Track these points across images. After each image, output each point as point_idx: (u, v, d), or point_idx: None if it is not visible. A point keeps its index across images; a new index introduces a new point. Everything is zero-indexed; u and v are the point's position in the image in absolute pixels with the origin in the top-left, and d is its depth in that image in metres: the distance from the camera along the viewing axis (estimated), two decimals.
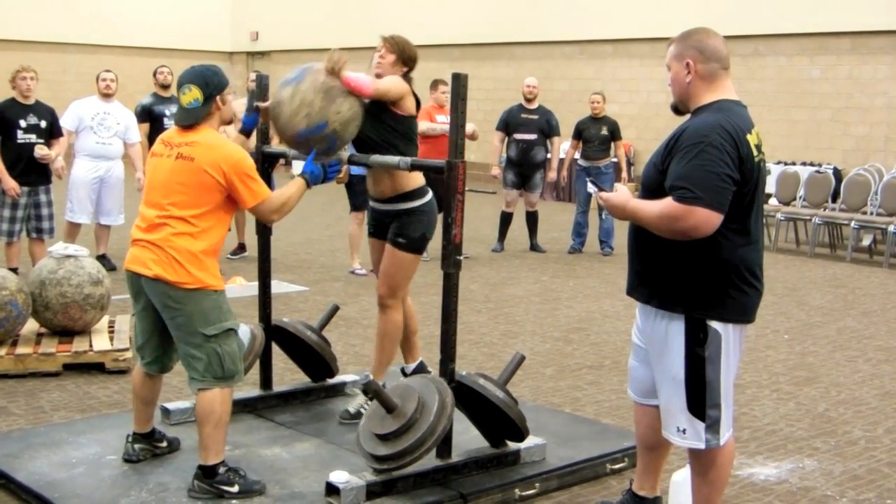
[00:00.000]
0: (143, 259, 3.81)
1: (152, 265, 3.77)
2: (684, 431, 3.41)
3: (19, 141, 7.83)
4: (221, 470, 3.81)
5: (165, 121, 9.12)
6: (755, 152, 3.29)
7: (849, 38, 14.29)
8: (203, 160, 3.75)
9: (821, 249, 11.84)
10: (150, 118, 9.11)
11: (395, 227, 4.70)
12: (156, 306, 3.87)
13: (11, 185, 7.76)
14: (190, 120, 3.85)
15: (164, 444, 4.25)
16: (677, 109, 3.48)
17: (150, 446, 4.20)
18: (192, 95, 3.83)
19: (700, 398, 3.36)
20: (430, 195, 4.76)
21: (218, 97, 3.88)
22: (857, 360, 6.67)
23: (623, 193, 3.45)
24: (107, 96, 8.85)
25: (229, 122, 4.09)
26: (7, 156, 7.82)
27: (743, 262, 3.32)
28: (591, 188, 4.50)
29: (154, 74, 9.43)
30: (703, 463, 3.47)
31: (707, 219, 3.18)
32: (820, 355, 6.75)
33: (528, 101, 10.80)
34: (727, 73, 3.41)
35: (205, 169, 3.74)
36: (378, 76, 4.64)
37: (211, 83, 3.86)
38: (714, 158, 3.18)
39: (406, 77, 4.70)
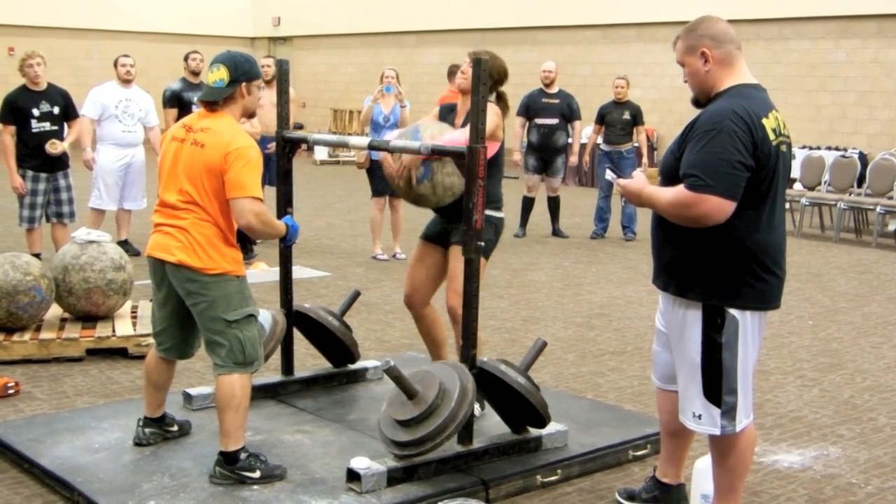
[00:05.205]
0: (166, 245, 3.82)
1: (176, 251, 3.79)
2: (700, 417, 3.39)
3: (34, 130, 7.84)
4: (243, 456, 3.82)
5: (195, 108, 9.10)
6: (772, 136, 3.23)
7: (874, 20, 14.14)
8: (211, 146, 3.74)
9: (846, 235, 11.73)
10: (180, 104, 9.08)
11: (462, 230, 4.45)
12: (179, 293, 3.88)
13: (18, 183, 7.82)
14: (211, 97, 3.85)
15: (175, 428, 4.28)
16: (698, 103, 3.44)
17: (160, 430, 4.23)
18: (219, 75, 3.82)
19: (716, 384, 3.33)
20: (502, 212, 4.71)
21: (244, 84, 3.86)
22: (882, 346, 6.60)
23: (639, 180, 3.43)
24: (126, 82, 8.83)
25: (251, 116, 4.07)
26: (23, 146, 7.85)
27: (761, 248, 3.28)
28: (609, 175, 4.47)
29: (185, 59, 9.32)
30: (722, 449, 3.45)
31: (718, 207, 3.15)
32: (845, 341, 6.69)
33: (547, 85, 10.74)
34: (741, 52, 3.39)
35: (213, 155, 3.73)
36: (462, 91, 4.65)
37: (240, 68, 3.85)
38: (726, 145, 3.14)
39: (497, 92, 4.66)
